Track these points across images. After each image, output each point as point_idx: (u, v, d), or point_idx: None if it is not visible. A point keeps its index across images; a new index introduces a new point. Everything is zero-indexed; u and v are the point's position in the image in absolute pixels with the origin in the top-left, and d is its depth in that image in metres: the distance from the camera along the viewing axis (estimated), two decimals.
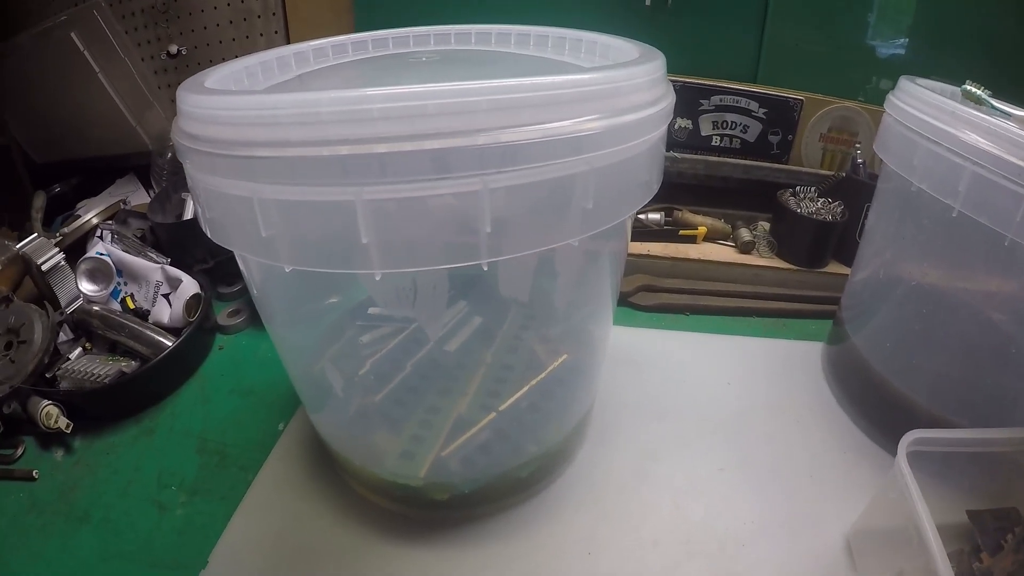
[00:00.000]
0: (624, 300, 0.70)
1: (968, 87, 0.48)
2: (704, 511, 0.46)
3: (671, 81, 0.72)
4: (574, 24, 0.46)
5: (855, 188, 0.71)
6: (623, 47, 0.38)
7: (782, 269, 0.72)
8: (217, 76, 0.38)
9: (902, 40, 0.73)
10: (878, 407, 0.54)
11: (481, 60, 0.45)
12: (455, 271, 0.42)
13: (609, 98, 0.26)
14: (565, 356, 0.46)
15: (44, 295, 0.63)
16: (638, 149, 0.28)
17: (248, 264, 0.37)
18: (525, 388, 0.44)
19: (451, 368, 0.46)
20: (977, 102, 0.48)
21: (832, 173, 0.76)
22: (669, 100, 0.31)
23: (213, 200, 0.29)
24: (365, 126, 0.23)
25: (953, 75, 0.51)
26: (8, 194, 0.83)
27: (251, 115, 0.26)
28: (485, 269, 0.25)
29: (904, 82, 0.49)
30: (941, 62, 0.71)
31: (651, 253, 0.73)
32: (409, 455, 0.41)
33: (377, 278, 0.26)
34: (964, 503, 0.44)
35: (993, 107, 0.47)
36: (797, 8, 0.72)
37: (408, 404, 0.44)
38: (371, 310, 0.48)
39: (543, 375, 0.44)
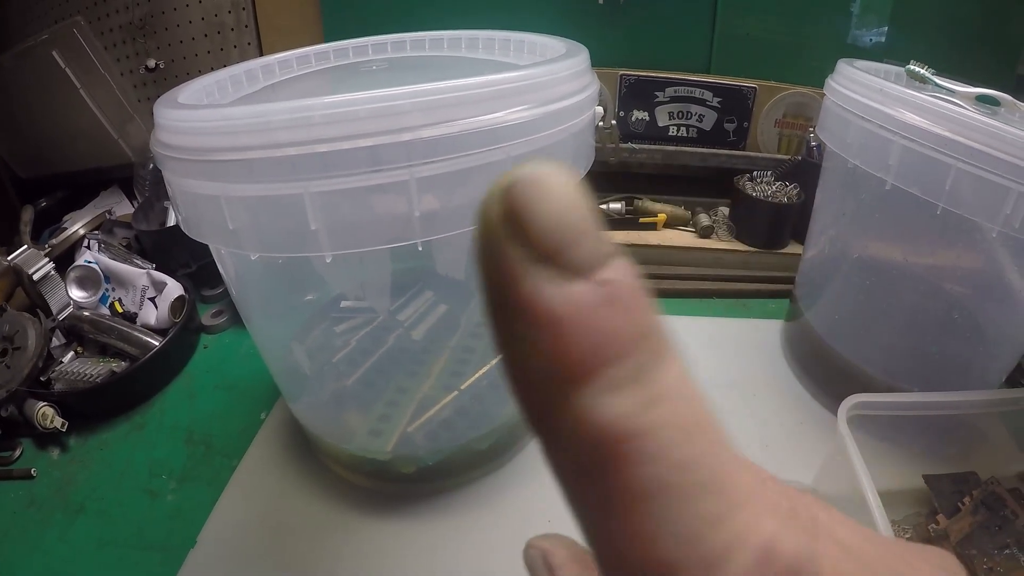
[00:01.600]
0: None
1: (912, 67, 0.49)
2: None
3: (626, 75, 0.75)
4: (531, 25, 0.49)
5: (810, 170, 0.72)
6: (556, 46, 0.41)
7: (741, 251, 0.75)
8: (191, 90, 0.41)
9: (883, 28, 0.75)
10: (833, 379, 0.56)
11: (426, 65, 0.48)
12: (411, 263, 0.46)
13: (524, 93, 0.29)
14: None
15: (36, 303, 0.65)
16: (557, 137, 0.31)
17: (223, 259, 0.40)
18: (485, 368, 0.47)
19: (417, 353, 0.49)
20: (922, 81, 0.49)
21: (788, 157, 0.79)
22: (588, 92, 0.34)
23: (188, 200, 0.33)
24: (308, 130, 0.27)
25: (917, 59, 0.51)
26: None
27: (214, 126, 0.29)
28: (420, 249, 0.29)
29: (841, 65, 0.50)
30: (909, 47, 0.72)
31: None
32: (377, 432, 0.44)
33: (328, 260, 0.29)
34: (922, 468, 0.45)
35: (937, 85, 0.48)
36: None
37: (377, 386, 0.47)
38: (343, 302, 0.51)
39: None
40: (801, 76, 0.78)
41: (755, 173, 0.77)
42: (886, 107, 0.42)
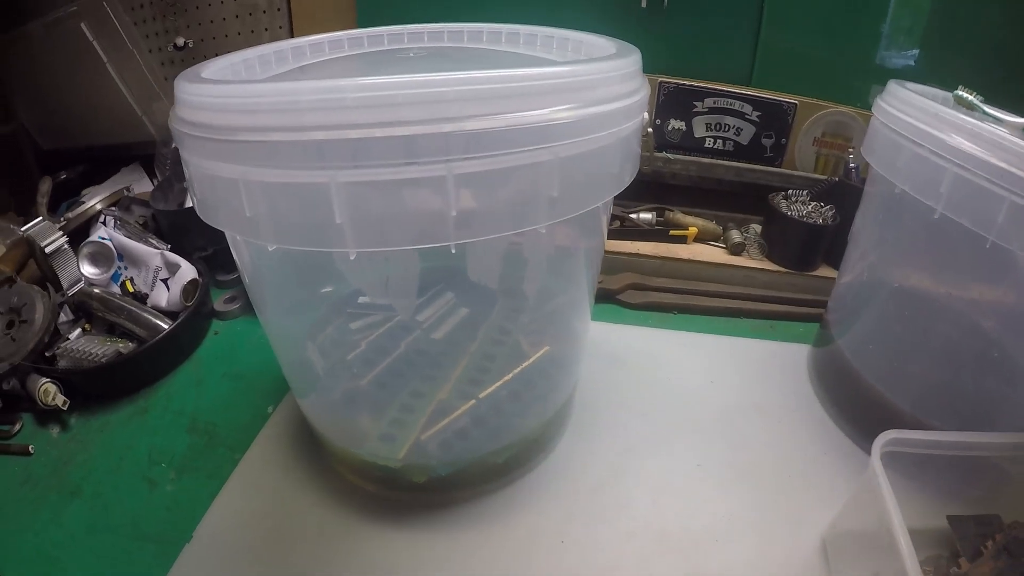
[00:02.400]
0: (612, 297, 0.71)
1: (960, 92, 0.48)
2: (680, 507, 0.46)
3: (665, 82, 0.73)
4: (571, 25, 0.47)
5: (848, 193, 0.71)
6: (605, 45, 0.39)
7: (772, 271, 0.73)
8: (216, 67, 0.39)
9: (914, 51, 0.74)
10: (861, 410, 0.54)
11: (466, 57, 0.46)
12: (436, 262, 0.44)
13: (575, 91, 0.27)
14: (547, 348, 0.47)
15: (47, 277, 0.64)
16: (606, 141, 0.29)
17: (238, 247, 0.38)
18: (506, 377, 0.45)
19: (436, 356, 0.47)
20: (969, 107, 0.48)
21: (825, 177, 0.77)
22: (639, 96, 0.32)
23: (205, 182, 0.31)
24: (339, 114, 0.25)
25: (963, 84, 0.50)
26: (15, 179, 0.84)
27: (237, 102, 0.27)
28: (453, 251, 0.27)
29: (892, 86, 0.49)
30: (947, 71, 0.71)
31: (641, 252, 0.73)
32: (390, 437, 0.42)
33: (352, 257, 0.27)
34: (945, 508, 0.44)
35: (985, 113, 0.47)
36: (792, 13, 0.73)
37: (392, 389, 0.45)
38: (361, 298, 0.50)
39: (524, 365, 0.46)
40: (843, 95, 0.75)
41: (790, 191, 0.75)
42: (941, 132, 0.40)
